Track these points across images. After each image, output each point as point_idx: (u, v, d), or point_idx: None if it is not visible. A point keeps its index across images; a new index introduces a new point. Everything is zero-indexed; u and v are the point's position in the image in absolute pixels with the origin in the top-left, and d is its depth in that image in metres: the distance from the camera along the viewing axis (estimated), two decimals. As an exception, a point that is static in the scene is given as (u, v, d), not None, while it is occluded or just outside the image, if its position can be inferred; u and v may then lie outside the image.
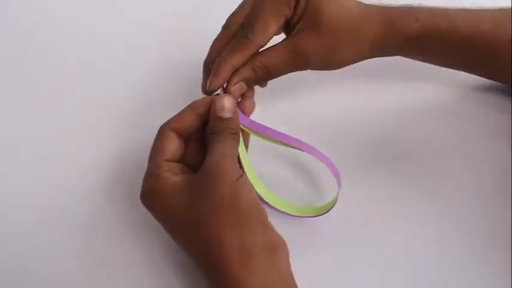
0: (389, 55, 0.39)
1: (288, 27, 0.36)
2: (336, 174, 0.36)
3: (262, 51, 0.35)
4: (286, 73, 0.36)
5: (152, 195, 0.31)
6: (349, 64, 0.38)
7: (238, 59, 0.34)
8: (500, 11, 0.38)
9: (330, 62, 0.37)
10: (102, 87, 0.45)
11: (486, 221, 0.36)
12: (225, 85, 0.35)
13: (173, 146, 0.32)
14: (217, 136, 0.32)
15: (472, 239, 0.35)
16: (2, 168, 0.40)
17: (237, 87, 0.34)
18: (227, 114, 0.32)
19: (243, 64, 0.35)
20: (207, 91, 0.34)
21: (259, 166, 0.37)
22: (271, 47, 0.35)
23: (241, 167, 0.33)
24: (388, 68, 0.45)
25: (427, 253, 0.35)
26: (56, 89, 0.45)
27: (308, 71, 0.37)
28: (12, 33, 0.50)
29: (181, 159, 0.33)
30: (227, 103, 0.32)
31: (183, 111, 0.33)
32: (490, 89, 0.43)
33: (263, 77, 0.36)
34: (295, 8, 0.35)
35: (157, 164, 0.31)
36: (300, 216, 0.36)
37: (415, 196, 0.37)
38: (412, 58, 0.41)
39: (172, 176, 0.31)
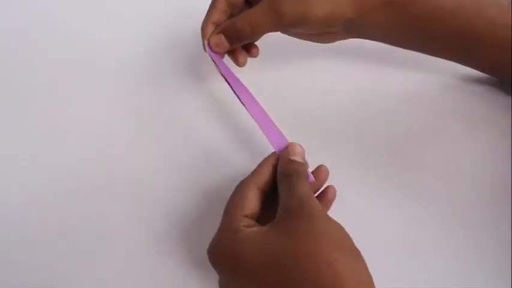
0: (369, 24, 0.39)
1: None
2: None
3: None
4: (265, 29, 0.38)
5: (231, 246, 0.29)
6: (331, 23, 0.38)
7: (211, 14, 0.38)
8: None
9: (306, 15, 0.37)
10: (102, 87, 0.45)
11: (486, 221, 0.36)
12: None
13: (255, 202, 0.32)
14: (294, 178, 0.32)
15: (471, 239, 0.35)
16: (2, 168, 0.40)
17: (216, 37, 0.38)
18: (299, 159, 0.33)
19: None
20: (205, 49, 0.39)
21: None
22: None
23: None
24: (385, 62, 0.45)
25: (427, 253, 0.35)
26: (55, 89, 0.45)
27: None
28: (12, 33, 0.50)
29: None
30: (298, 148, 0.34)
31: (260, 166, 0.34)
32: (490, 85, 0.43)
33: (242, 30, 0.37)
34: None
35: (236, 218, 0.31)
36: None
37: (414, 196, 0.38)
38: (392, 38, 0.41)
39: (249, 228, 0.30)
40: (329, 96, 0.44)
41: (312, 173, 0.34)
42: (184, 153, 0.41)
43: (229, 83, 0.38)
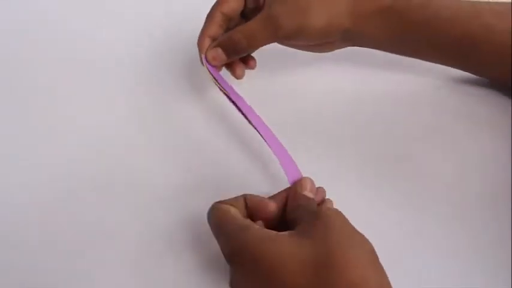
0: (366, 33, 0.39)
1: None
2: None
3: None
4: (261, 42, 0.38)
5: (251, 241, 0.28)
6: (328, 34, 0.38)
7: (207, 28, 0.38)
8: (477, 2, 0.39)
9: (303, 27, 0.37)
10: (102, 87, 0.45)
11: (486, 221, 0.36)
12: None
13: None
14: (303, 206, 0.31)
15: (471, 239, 0.35)
16: (2, 168, 0.40)
17: (212, 51, 0.38)
18: (309, 195, 0.33)
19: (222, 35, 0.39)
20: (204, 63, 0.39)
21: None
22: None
23: None
24: (385, 64, 0.45)
25: (427, 253, 0.35)
26: (55, 89, 0.45)
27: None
28: (12, 33, 0.50)
29: None
30: (310, 183, 0.33)
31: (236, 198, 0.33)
32: (490, 86, 0.43)
33: (239, 43, 0.38)
34: None
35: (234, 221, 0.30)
36: None
37: (414, 196, 0.38)
38: (389, 46, 0.41)
39: (261, 228, 0.29)
40: (328, 99, 0.44)
41: None
42: (184, 153, 0.41)
43: (229, 97, 0.38)
